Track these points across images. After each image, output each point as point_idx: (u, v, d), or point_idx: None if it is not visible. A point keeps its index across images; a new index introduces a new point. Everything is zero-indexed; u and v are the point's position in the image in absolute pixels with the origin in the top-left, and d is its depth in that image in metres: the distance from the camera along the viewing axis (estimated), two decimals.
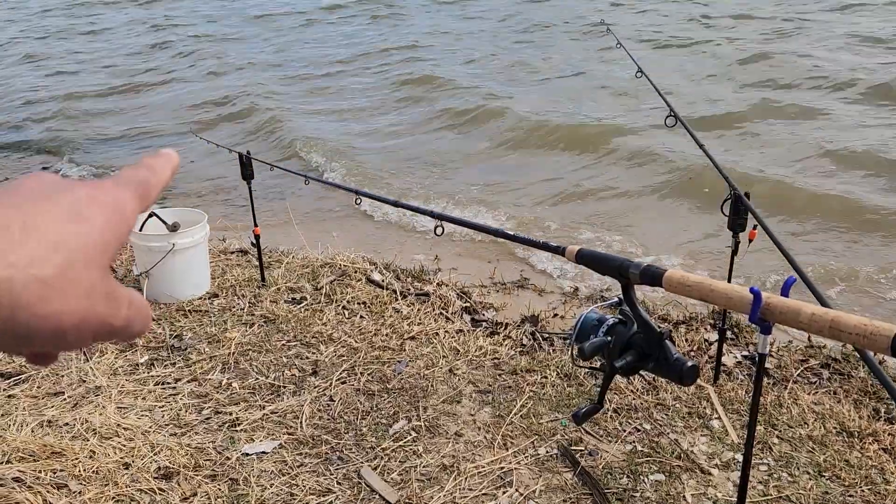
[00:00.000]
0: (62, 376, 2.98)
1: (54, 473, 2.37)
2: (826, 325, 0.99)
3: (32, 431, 2.60)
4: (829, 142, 6.17)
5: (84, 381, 2.94)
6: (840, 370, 2.97)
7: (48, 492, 2.28)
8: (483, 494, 2.33)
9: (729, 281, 2.33)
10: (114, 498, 2.29)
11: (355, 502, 2.31)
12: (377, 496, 2.33)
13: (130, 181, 0.45)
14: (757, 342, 3.18)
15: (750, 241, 2.44)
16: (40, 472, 2.37)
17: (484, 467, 2.44)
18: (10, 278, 0.36)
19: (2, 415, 2.72)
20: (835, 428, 2.59)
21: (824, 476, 2.37)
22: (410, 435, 2.62)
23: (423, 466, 2.45)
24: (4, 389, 2.89)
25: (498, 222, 5.17)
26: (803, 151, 6.11)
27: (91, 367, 3.03)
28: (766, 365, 2.96)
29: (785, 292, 1.11)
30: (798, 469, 2.40)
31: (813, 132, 6.47)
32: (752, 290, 1.06)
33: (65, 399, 2.83)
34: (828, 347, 3.15)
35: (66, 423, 2.66)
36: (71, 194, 0.41)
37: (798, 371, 2.96)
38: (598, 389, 1.38)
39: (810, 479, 2.35)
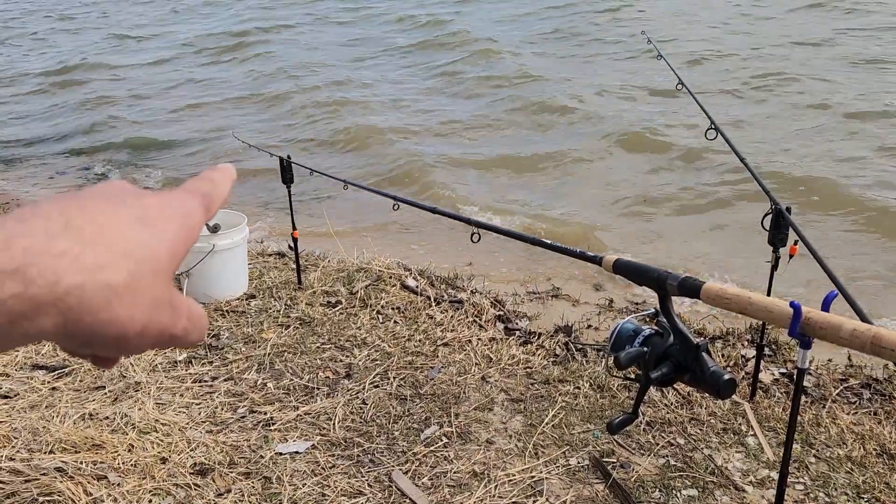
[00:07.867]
0: (103, 371, 3.06)
1: (94, 465, 2.44)
2: (867, 342, 0.98)
3: (74, 423, 2.67)
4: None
5: (124, 377, 3.02)
6: (882, 391, 2.90)
7: (88, 482, 2.34)
8: (513, 502, 2.32)
9: (768, 296, 2.29)
10: (151, 491, 2.34)
11: None
12: (408, 500, 2.34)
13: (198, 192, 0.45)
14: (796, 359, 3.12)
15: (791, 256, 2.40)
16: (81, 463, 2.44)
17: (514, 475, 2.44)
18: (82, 285, 0.36)
19: (46, 406, 2.80)
20: (875, 449, 2.53)
21: (863, 498, 2.32)
22: (442, 440, 2.63)
23: (454, 472, 2.46)
24: (48, 382, 2.98)
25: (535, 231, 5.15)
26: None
27: (131, 363, 3.10)
28: (805, 383, 2.91)
29: (826, 307, 1.10)
30: (836, 490, 2.36)
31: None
32: (792, 304, 1.06)
33: (105, 393, 2.91)
34: (869, 367, 3.08)
35: (107, 417, 2.73)
36: (143, 202, 0.41)
37: (837, 390, 2.90)
38: (632, 402, 1.38)
39: (848, 501, 2.30)
